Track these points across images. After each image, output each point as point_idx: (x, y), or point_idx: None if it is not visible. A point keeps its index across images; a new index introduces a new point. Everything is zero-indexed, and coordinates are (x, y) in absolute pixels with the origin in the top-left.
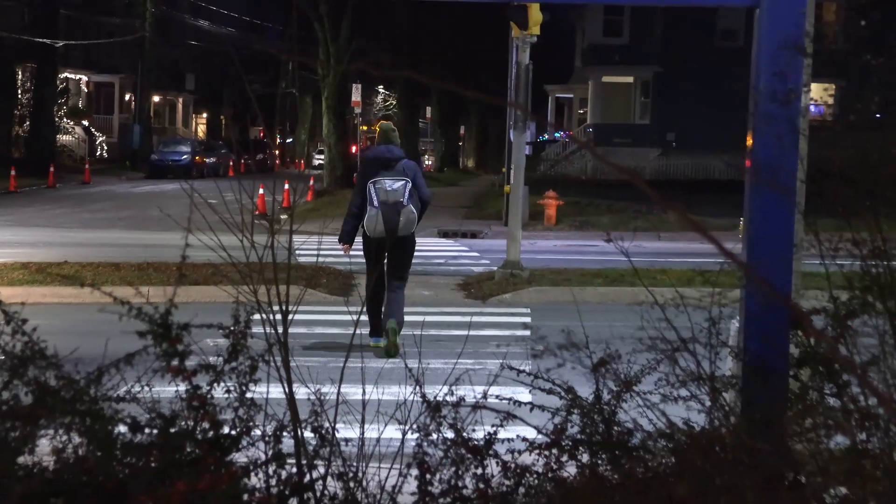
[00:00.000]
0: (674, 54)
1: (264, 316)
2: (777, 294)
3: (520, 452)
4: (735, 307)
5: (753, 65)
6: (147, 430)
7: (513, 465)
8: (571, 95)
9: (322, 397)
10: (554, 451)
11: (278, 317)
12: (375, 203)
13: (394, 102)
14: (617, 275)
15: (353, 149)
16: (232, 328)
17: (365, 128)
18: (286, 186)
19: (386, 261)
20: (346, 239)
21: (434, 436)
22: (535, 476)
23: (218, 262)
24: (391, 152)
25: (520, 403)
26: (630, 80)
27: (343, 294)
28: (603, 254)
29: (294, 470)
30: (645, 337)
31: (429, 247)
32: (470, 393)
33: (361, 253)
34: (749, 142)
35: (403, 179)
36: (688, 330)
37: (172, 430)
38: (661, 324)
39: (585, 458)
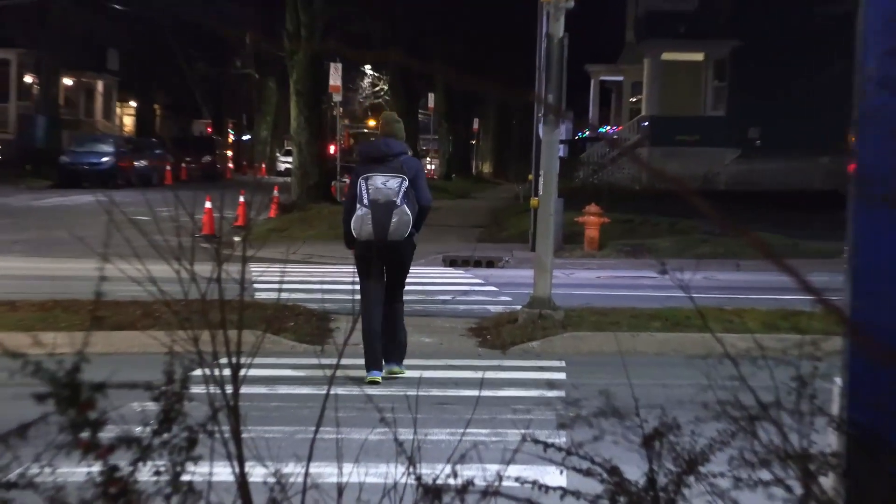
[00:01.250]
0: (758, 23)
1: (208, 371)
2: (892, 349)
3: None
4: (835, 362)
5: (859, 39)
6: None
7: None
8: (621, 78)
9: (285, 480)
10: None
11: (227, 372)
12: (365, 201)
13: (385, 87)
14: (680, 317)
15: (332, 149)
16: (164, 388)
17: (347, 121)
18: (241, 199)
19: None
20: (348, 244)
21: None
22: None
23: (147, 300)
24: (388, 146)
25: (547, 489)
26: (699, 57)
27: (316, 341)
28: (662, 288)
29: None
30: (713, 400)
31: (432, 278)
32: (481, 474)
33: (346, 283)
34: (852, 141)
35: (399, 177)
36: (770, 391)
37: None
38: (735, 383)
39: None
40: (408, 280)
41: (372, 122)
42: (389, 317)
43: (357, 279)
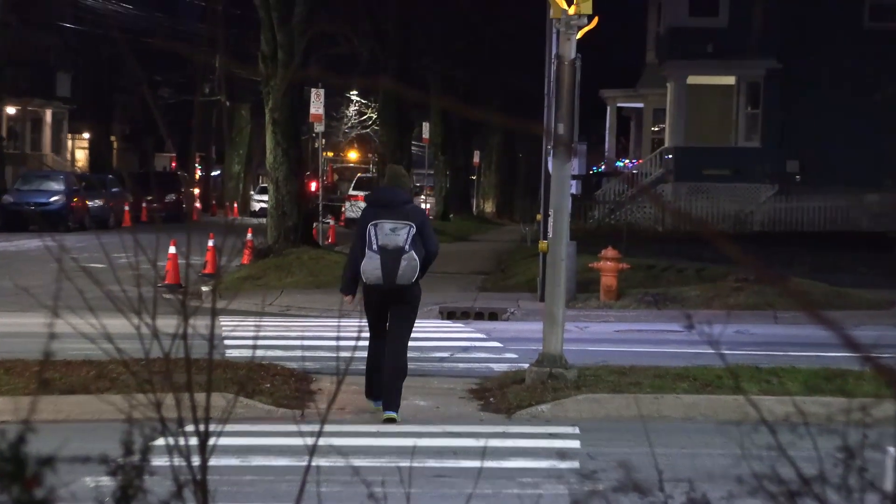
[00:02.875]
0: (798, 42)
1: (172, 441)
2: None
3: None
4: (887, 430)
5: None
6: None
7: None
8: (641, 105)
9: None
10: None
11: (194, 441)
12: (374, 247)
13: (374, 116)
14: (710, 377)
15: (313, 186)
16: (122, 461)
17: (330, 154)
18: (210, 243)
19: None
20: (346, 289)
21: None
22: None
23: (102, 360)
24: (395, 194)
25: None
26: (731, 80)
27: (295, 405)
28: (689, 344)
29: None
30: (748, 473)
31: (427, 333)
32: None
33: (329, 338)
34: None
35: (407, 224)
36: (813, 463)
37: None
38: (773, 453)
39: None
40: None
41: (355, 155)
42: (390, 369)
43: (364, 320)
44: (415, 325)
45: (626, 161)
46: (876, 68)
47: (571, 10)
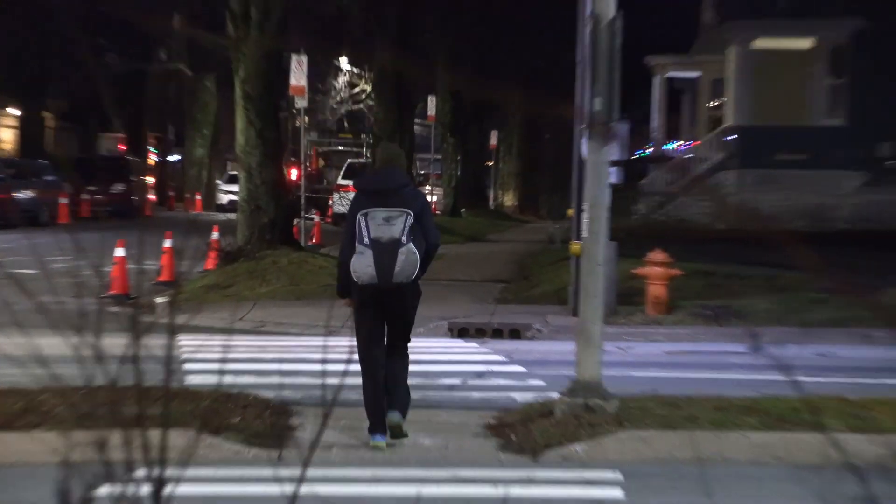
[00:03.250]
0: None
1: (119, 490)
2: None
3: None
4: None
5: None
6: None
7: None
8: (696, 74)
9: None
10: None
11: (146, 490)
12: (366, 240)
13: (368, 89)
14: (784, 410)
15: (294, 174)
16: None
17: (315, 135)
18: (166, 244)
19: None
20: (343, 293)
21: None
22: None
23: (33, 389)
24: (391, 177)
25: None
26: (807, 44)
27: (271, 444)
28: (757, 369)
29: None
30: None
31: (434, 355)
32: None
33: (313, 361)
34: None
35: (404, 212)
36: None
37: None
38: None
39: None
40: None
41: (345, 137)
42: (391, 371)
43: (355, 331)
44: (419, 345)
45: (678, 143)
46: None
47: None
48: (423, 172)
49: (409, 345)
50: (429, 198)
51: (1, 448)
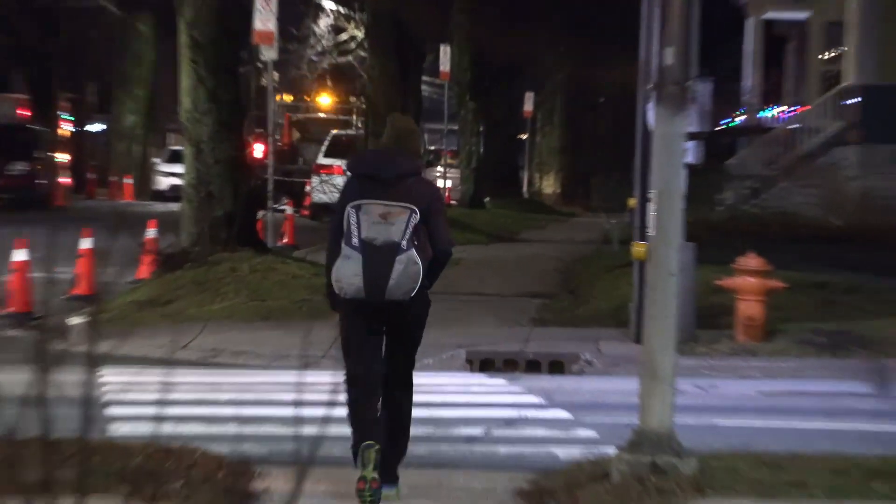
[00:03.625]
0: None
1: None
2: None
3: None
4: None
5: None
6: None
7: None
8: (805, 16)
9: None
10: None
11: None
12: (355, 240)
13: (359, 35)
14: None
15: (260, 150)
16: None
17: (288, 98)
18: (85, 245)
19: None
20: (335, 306)
21: None
22: None
23: None
24: (396, 161)
25: None
26: None
27: None
28: (890, 417)
29: None
30: None
31: (447, 394)
32: None
33: (283, 404)
34: None
35: (407, 208)
36: None
37: None
38: None
39: None
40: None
41: (328, 100)
42: (388, 408)
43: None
44: (428, 381)
45: (779, 109)
46: None
47: None
48: (432, 149)
49: (413, 372)
50: (440, 183)
51: None
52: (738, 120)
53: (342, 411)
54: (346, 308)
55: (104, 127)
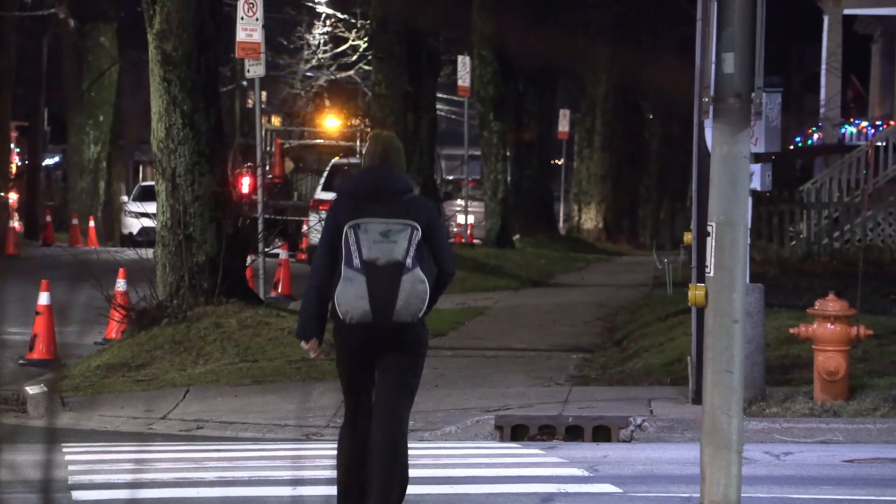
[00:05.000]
0: None
1: None
2: None
3: None
4: None
5: None
6: None
7: None
8: (894, 11)
9: None
10: None
11: None
12: (356, 262)
13: (363, 45)
14: None
15: (247, 184)
16: None
17: (278, 121)
18: (43, 301)
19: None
20: (306, 332)
21: None
22: None
23: None
24: (389, 178)
25: None
26: None
27: None
28: None
29: None
30: None
31: (472, 468)
32: None
33: (280, 482)
34: None
35: (408, 225)
36: None
37: None
38: None
39: None
40: (423, 475)
41: (329, 123)
42: (381, 451)
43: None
44: (450, 452)
45: (863, 124)
46: None
47: None
48: (451, 179)
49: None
50: (461, 219)
51: None
52: (814, 138)
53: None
54: (346, 338)
55: (59, 159)
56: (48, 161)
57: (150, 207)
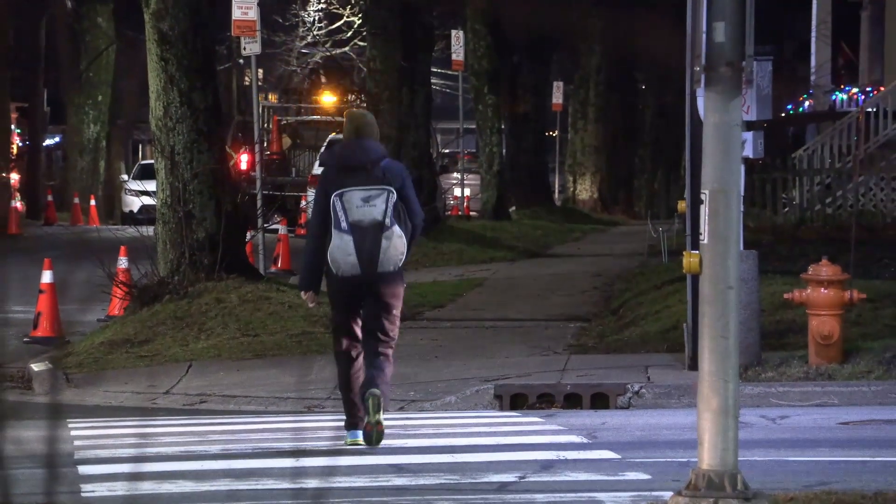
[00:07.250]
0: None
1: None
2: None
3: None
4: None
5: None
6: None
7: None
8: None
9: None
10: None
11: None
12: (344, 224)
13: (357, 21)
14: None
15: (245, 161)
16: None
17: (274, 98)
18: (46, 279)
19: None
20: (307, 284)
21: None
22: None
23: None
24: (366, 150)
25: None
26: None
27: None
28: None
29: None
30: None
31: (473, 437)
32: None
33: (282, 454)
34: None
35: (384, 189)
36: None
37: None
38: None
39: None
40: (424, 444)
41: (325, 99)
42: (373, 372)
43: (332, 328)
44: (451, 422)
45: (854, 91)
46: None
47: None
48: (446, 152)
49: (392, 348)
50: (457, 191)
51: None
52: (805, 105)
53: (349, 460)
54: (337, 285)
55: (59, 139)
56: (48, 141)
57: (150, 185)
